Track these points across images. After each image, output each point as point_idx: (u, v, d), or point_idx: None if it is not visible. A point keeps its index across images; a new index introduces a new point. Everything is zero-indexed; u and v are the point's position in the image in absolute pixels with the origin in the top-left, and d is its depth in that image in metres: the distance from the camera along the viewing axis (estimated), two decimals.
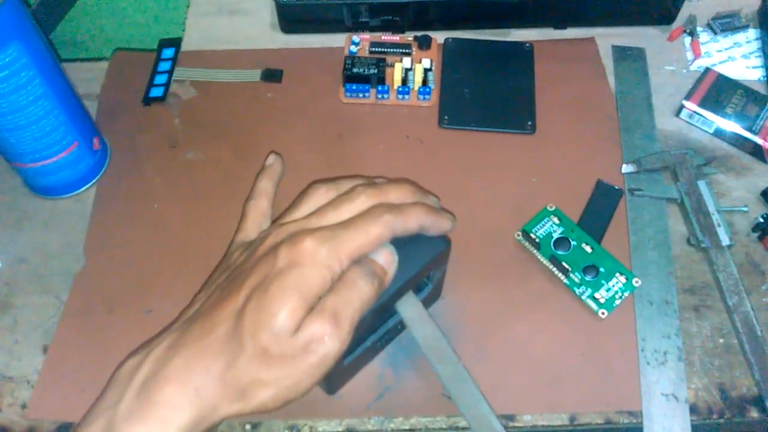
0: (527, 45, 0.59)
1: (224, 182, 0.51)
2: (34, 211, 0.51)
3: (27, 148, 0.46)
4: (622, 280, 0.45)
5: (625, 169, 0.51)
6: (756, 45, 0.59)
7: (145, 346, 0.33)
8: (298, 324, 0.31)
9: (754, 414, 0.41)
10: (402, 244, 0.35)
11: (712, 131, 0.53)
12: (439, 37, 0.59)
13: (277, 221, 0.37)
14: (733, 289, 0.45)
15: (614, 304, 0.44)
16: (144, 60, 0.59)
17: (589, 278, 0.45)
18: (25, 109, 0.44)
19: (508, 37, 0.60)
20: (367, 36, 0.59)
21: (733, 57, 0.58)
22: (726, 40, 0.60)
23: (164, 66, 0.58)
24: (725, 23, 0.60)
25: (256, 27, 0.62)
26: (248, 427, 0.41)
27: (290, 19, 0.60)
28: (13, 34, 0.41)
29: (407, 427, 0.41)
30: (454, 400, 0.37)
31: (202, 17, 0.63)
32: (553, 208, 0.49)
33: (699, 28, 0.60)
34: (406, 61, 0.56)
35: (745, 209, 0.49)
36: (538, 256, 0.47)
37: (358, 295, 0.32)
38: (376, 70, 0.55)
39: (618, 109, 0.55)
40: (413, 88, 0.55)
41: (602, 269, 0.45)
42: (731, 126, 0.52)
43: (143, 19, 0.63)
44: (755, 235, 0.48)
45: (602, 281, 0.45)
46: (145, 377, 0.31)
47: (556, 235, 0.47)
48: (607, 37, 0.60)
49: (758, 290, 0.46)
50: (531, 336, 0.44)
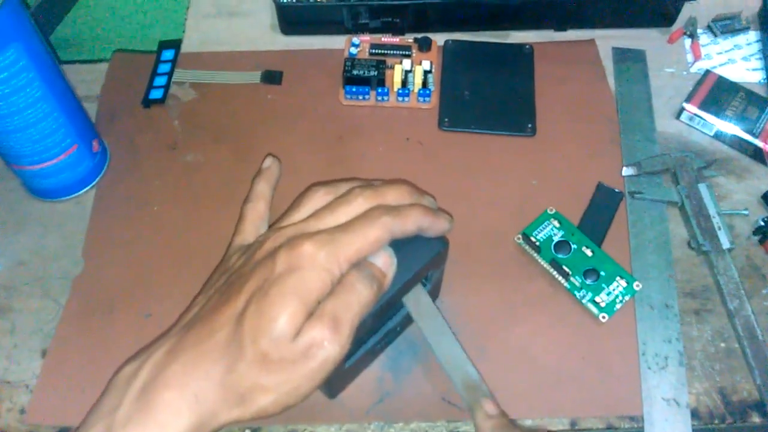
0: (527, 47, 0.59)
1: (224, 184, 0.51)
2: (33, 214, 0.50)
3: (26, 150, 0.46)
4: (623, 283, 0.45)
5: (626, 171, 0.51)
6: (756, 47, 0.59)
7: (143, 351, 0.33)
8: (298, 329, 0.31)
9: (756, 419, 0.41)
10: (400, 245, 0.35)
11: (712, 134, 0.53)
12: (439, 39, 0.59)
13: (275, 224, 0.37)
14: (734, 293, 0.45)
15: (615, 308, 0.44)
16: (144, 62, 0.59)
17: (589, 282, 0.45)
18: (25, 112, 0.43)
19: (508, 39, 0.60)
20: (367, 38, 0.59)
21: (733, 59, 0.58)
22: (726, 43, 0.60)
23: (164, 68, 0.58)
24: (725, 25, 0.60)
25: (256, 29, 0.62)
26: (248, 431, 0.41)
27: (290, 21, 0.60)
28: (12, 36, 0.41)
29: None
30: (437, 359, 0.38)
31: (202, 19, 0.63)
32: (554, 211, 0.48)
33: (699, 30, 0.60)
34: (406, 63, 0.56)
35: (746, 212, 0.49)
36: (539, 260, 0.47)
37: (358, 299, 0.32)
38: (376, 72, 0.55)
39: (618, 111, 0.55)
40: (413, 90, 0.55)
41: (603, 273, 0.45)
42: (732, 128, 0.52)
43: (143, 21, 0.63)
44: (756, 239, 0.48)
45: (603, 285, 0.45)
46: (144, 382, 0.31)
47: (557, 239, 0.47)
48: (608, 39, 0.60)
49: (759, 294, 0.46)
50: (531, 340, 0.44)
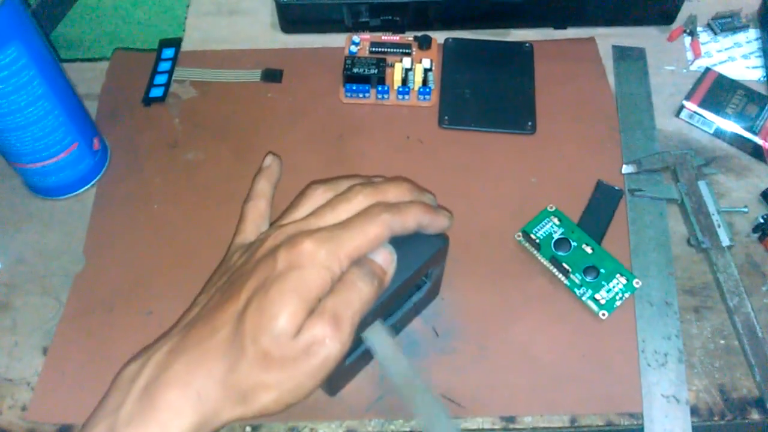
0: (527, 45, 0.59)
1: (224, 182, 0.51)
2: (34, 212, 0.51)
3: (27, 148, 0.46)
4: (623, 281, 0.45)
5: (626, 169, 0.51)
6: (756, 45, 0.59)
7: (146, 351, 0.33)
8: (299, 327, 0.31)
9: (755, 415, 0.41)
10: (400, 242, 0.35)
11: (712, 131, 0.53)
12: (439, 37, 0.59)
13: (275, 223, 0.37)
14: (734, 290, 0.45)
15: (614, 305, 0.44)
16: (144, 60, 0.59)
17: (589, 279, 0.45)
18: (25, 110, 0.44)
19: (508, 37, 0.60)
20: (368, 36, 0.59)
21: (733, 57, 0.58)
22: (726, 40, 0.60)
23: (164, 66, 0.58)
24: (725, 23, 0.60)
25: (256, 27, 0.62)
26: (248, 429, 0.41)
27: (290, 19, 0.60)
28: (13, 35, 0.41)
29: (407, 429, 0.41)
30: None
31: (203, 17, 0.63)
32: (554, 208, 0.49)
33: (699, 28, 0.60)
34: (406, 61, 0.56)
35: (746, 210, 0.49)
36: (539, 257, 0.47)
37: (358, 296, 0.32)
38: (377, 70, 0.55)
39: (618, 109, 0.55)
40: (413, 88, 0.55)
41: (603, 270, 0.45)
42: (731, 126, 0.52)
43: (143, 19, 0.63)
44: (755, 236, 0.48)
45: (603, 282, 0.45)
46: (147, 381, 0.31)
47: (557, 236, 0.47)
48: (607, 37, 0.60)
49: (759, 291, 0.46)
50: (531, 337, 0.44)
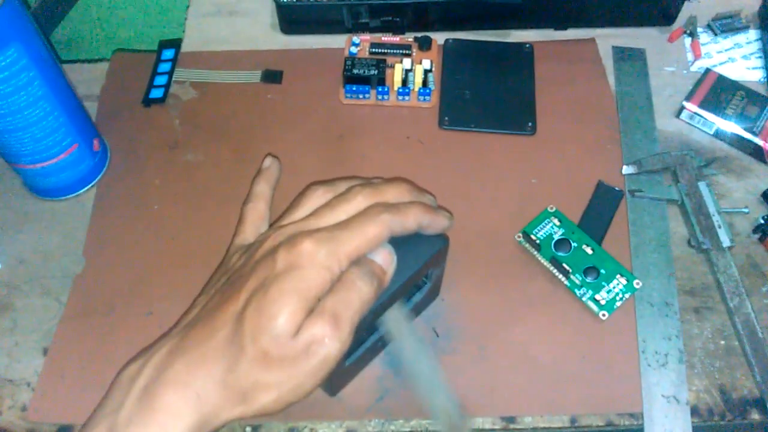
0: (527, 46, 0.59)
1: (224, 183, 0.51)
2: (34, 213, 0.51)
3: (27, 149, 0.46)
4: (623, 281, 0.45)
5: (626, 170, 0.51)
6: (756, 46, 0.59)
7: (145, 352, 0.33)
8: (299, 326, 0.31)
9: (756, 416, 0.41)
10: (400, 243, 0.35)
11: (712, 132, 0.53)
12: (440, 38, 0.59)
13: (275, 223, 0.37)
14: (734, 291, 0.45)
15: (615, 306, 0.44)
16: (144, 61, 0.59)
17: (589, 280, 0.45)
18: (25, 111, 0.44)
19: (508, 38, 0.60)
20: (368, 37, 0.59)
21: (733, 58, 0.58)
22: (726, 41, 0.60)
23: (164, 67, 0.58)
24: (725, 24, 0.60)
25: (256, 28, 0.62)
26: (248, 429, 0.41)
27: (290, 20, 0.60)
28: (13, 36, 0.41)
29: (407, 430, 0.41)
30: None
31: (202, 18, 0.63)
32: (554, 209, 0.49)
33: (699, 29, 0.60)
34: (407, 62, 0.56)
35: (746, 210, 0.49)
36: (539, 258, 0.47)
37: (358, 296, 0.32)
38: (377, 71, 0.55)
39: (618, 110, 0.55)
40: (413, 89, 0.55)
41: (603, 271, 0.45)
42: (732, 127, 0.52)
43: (143, 20, 0.63)
44: (756, 237, 0.48)
45: (603, 283, 0.45)
46: (146, 383, 0.31)
47: (557, 237, 0.47)
48: (608, 38, 0.60)
49: (759, 292, 0.46)
50: (531, 337, 0.44)
